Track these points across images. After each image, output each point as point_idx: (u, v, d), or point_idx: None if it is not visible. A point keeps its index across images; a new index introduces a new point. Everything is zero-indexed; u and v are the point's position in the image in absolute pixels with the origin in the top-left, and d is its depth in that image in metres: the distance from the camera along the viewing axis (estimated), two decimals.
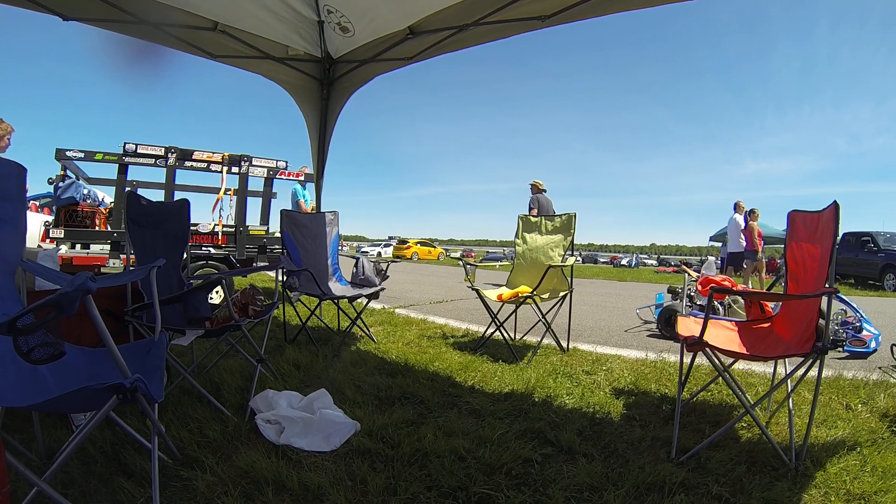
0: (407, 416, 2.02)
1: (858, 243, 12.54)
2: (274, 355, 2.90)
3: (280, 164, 5.80)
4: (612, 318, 5.23)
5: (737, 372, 2.88)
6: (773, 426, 2.05)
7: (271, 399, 2.02)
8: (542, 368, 2.87)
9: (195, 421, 1.87)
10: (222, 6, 3.30)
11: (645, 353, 3.33)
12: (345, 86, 4.09)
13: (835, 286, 1.71)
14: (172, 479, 1.50)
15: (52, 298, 1.01)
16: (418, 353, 3.13)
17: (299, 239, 3.66)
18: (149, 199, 2.67)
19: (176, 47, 3.46)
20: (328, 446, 1.74)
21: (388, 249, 31.53)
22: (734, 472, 1.60)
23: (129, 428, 1.56)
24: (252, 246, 5.52)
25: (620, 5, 2.46)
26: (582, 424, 2.00)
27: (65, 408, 1.52)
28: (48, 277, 1.63)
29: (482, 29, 3.00)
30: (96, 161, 5.02)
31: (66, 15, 2.93)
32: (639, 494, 1.48)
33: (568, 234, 3.57)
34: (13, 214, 1.58)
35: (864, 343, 3.54)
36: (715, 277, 3.97)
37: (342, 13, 3.41)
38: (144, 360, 1.47)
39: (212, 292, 4.89)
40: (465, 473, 1.56)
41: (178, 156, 5.21)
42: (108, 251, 4.85)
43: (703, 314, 1.85)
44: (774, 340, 2.03)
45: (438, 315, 4.92)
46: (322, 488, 1.47)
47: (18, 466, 1.06)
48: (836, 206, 1.74)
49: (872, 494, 1.49)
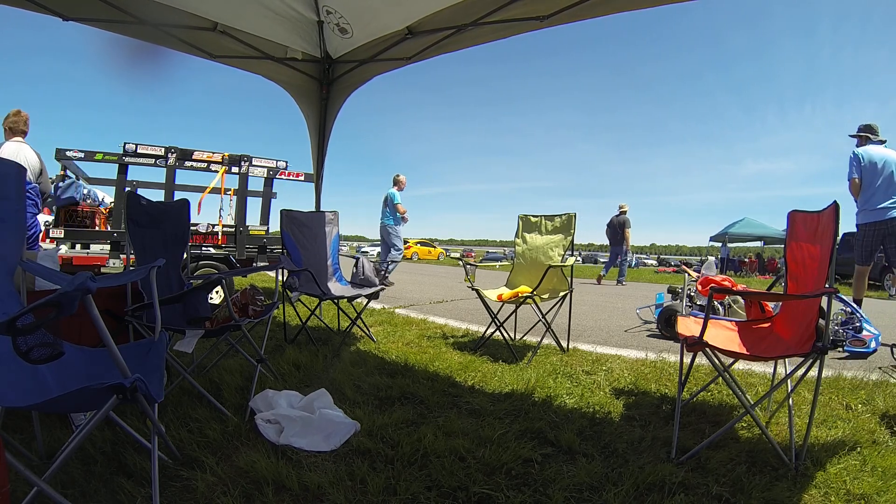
0: (407, 416, 2.02)
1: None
2: (274, 355, 2.90)
3: (280, 164, 5.80)
4: (612, 318, 5.23)
5: (737, 372, 2.88)
6: (773, 426, 2.05)
7: (271, 399, 2.02)
8: (542, 368, 2.86)
9: (195, 421, 1.87)
10: (222, 7, 3.31)
11: (645, 353, 3.33)
12: (344, 86, 4.10)
13: (835, 286, 1.71)
14: (172, 479, 1.50)
15: (51, 298, 1.01)
16: (418, 353, 3.13)
17: (299, 239, 3.66)
18: (149, 199, 2.67)
19: (176, 48, 3.46)
20: (328, 446, 1.74)
21: None
22: (734, 472, 1.60)
23: (129, 428, 1.56)
24: (252, 246, 5.52)
25: (620, 5, 2.47)
26: (582, 424, 2.00)
27: (65, 408, 1.52)
28: (48, 277, 1.63)
29: (481, 29, 3.01)
30: (96, 161, 5.02)
31: (66, 15, 2.93)
32: (639, 494, 1.48)
33: (568, 233, 3.57)
34: (13, 214, 1.58)
35: (864, 343, 3.54)
36: (715, 277, 3.97)
37: (341, 14, 3.42)
38: (144, 360, 1.47)
39: (212, 292, 4.90)
40: (465, 473, 1.56)
41: (178, 156, 5.21)
42: (108, 251, 4.84)
43: (703, 314, 1.85)
44: (774, 340, 2.03)
45: (438, 315, 4.91)
46: (322, 488, 1.47)
47: (18, 466, 1.06)
48: (837, 206, 1.74)
49: (872, 495, 1.49)
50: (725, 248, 20.53)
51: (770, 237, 19.59)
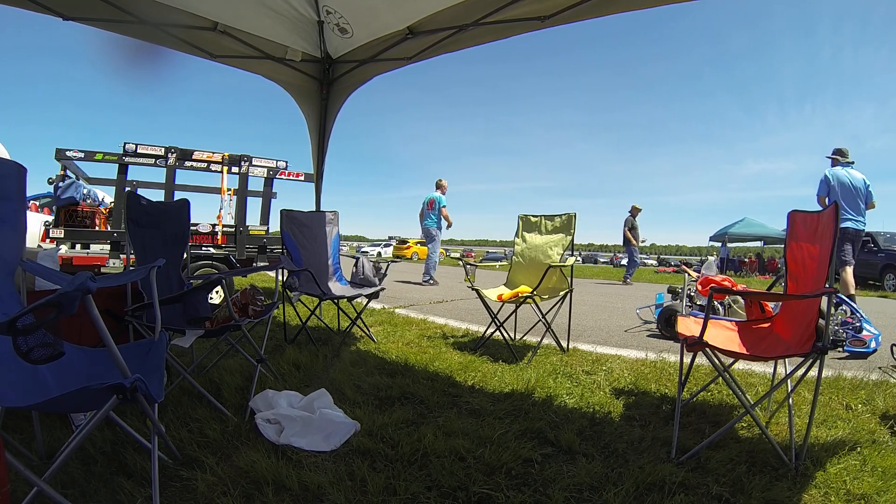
0: (407, 415, 2.02)
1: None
2: (274, 355, 2.90)
3: (280, 164, 5.80)
4: (612, 318, 5.22)
5: (737, 372, 2.88)
6: (773, 426, 2.05)
7: (271, 399, 2.02)
8: (542, 368, 2.86)
9: (195, 421, 1.87)
10: (222, 6, 3.30)
11: (645, 353, 3.33)
12: (344, 85, 4.10)
13: (835, 286, 1.71)
14: (172, 479, 1.50)
15: (51, 298, 1.01)
16: (418, 353, 3.13)
17: (300, 239, 3.66)
18: (149, 199, 2.67)
19: (176, 48, 3.46)
20: (328, 446, 1.74)
21: (388, 249, 31.52)
22: (734, 472, 1.60)
23: (129, 428, 1.56)
24: (252, 246, 5.52)
25: (620, 6, 2.46)
26: (582, 424, 2.00)
27: (65, 408, 1.52)
28: (48, 277, 1.63)
29: (481, 29, 3.00)
30: (96, 161, 5.02)
31: (66, 15, 2.93)
32: (639, 494, 1.48)
33: (568, 233, 3.57)
34: (13, 214, 1.58)
35: (864, 343, 3.54)
36: (715, 277, 3.97)
37: (341, 14, 3.41)
38: (144, 360, 1.47)
39: (212, 292, 4.90)
40: (465, 473, 1.56)
41: (178, 156, 5.21)
42: (108, 251, 4.84)
43: (703, 314, 1.85)
44: (774, 340, 2.03)
45: (438, 315, 4.91)
46: (322, 488, 1.47)
47: (18, 466, 1.06)
48: (836, 206, 1.73)
49: (872, 495, 1.49)
50: (725, 248, 20.53)
51: (770, 237, 19.59)
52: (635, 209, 10.50)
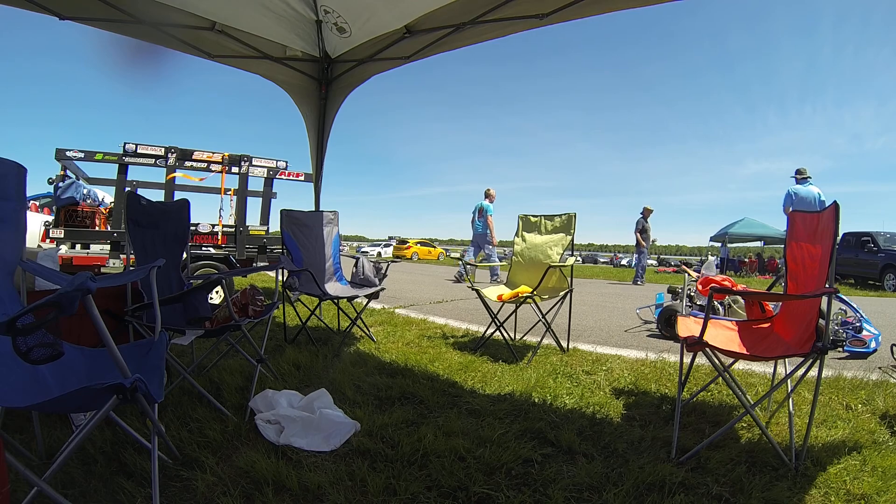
0: (407, 416, 2.02)
1: (858, 243, 12.52)
2: (274, 355, 2.90)
3: (280, 164, 5.80)
4: (612, 318, 5.22)
5: (737, 372, 2.88)
6: (773, 426, 2.05)
7: (271, 399, 2.02)
8: (542, 368, 2.86)
9: (195, 421, 1.87)
10: (219, 6, 3.30)
11: (645, 353, 3.33)
12: (343, 85, 4.09)
13: (835, 286, 1.71)
14: (172, 479, 1.50)
15: (51, 298, 1.01)
16: (418, 353, 3.13)
17: (300, 238, 3.66)
18: (149, 199, 2.67)
19: (174, 47, 3.45)
20: (328, 446, 1.74)
21: (388, 249, 31.49)
22: (734, 472, 1.60)
23: (129, 428, 1.56)
24: (252, 246, 5.52)
25: (619, 4, 2.46)
26: (582, 424, 2.00)
27: (65, 408, 1.52)
28: (48, 277, 1.63)
29: (480, 27, 2.99)
30: (96, 161, 5.02)
31: (63, 14, 2.92)
32: (639, 494, 1.48)
33: (568, 233, 3.57)
34: (13, 214, 1.58)
35: (864, 343, 3.54)
36: (715, 277, 3.97)
37: (338, 13, 3.41)
38: (144, 360, 1.47)
39: (212, 292, 4.90)
40: (464, 473, 1.56)
41: (178, 156, 5.21)
42: (108, 251, 4.84)
43: (703, 314, 1.85)
44: (774, 340, 2.03)
45: (438, 315, 4.91)
46: (322, 488, 1.47)
47: (18, 466, 1.06)
48: (836, 206, 1.73)
49: (872, 495, 1.49)
50: (725, 248, 20.52)
51: (770, 237, 19.58)
52: (647, 210, 10.30)
